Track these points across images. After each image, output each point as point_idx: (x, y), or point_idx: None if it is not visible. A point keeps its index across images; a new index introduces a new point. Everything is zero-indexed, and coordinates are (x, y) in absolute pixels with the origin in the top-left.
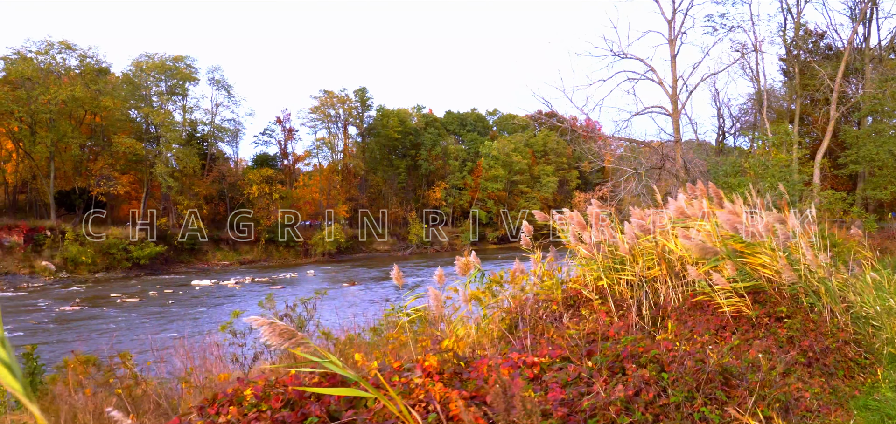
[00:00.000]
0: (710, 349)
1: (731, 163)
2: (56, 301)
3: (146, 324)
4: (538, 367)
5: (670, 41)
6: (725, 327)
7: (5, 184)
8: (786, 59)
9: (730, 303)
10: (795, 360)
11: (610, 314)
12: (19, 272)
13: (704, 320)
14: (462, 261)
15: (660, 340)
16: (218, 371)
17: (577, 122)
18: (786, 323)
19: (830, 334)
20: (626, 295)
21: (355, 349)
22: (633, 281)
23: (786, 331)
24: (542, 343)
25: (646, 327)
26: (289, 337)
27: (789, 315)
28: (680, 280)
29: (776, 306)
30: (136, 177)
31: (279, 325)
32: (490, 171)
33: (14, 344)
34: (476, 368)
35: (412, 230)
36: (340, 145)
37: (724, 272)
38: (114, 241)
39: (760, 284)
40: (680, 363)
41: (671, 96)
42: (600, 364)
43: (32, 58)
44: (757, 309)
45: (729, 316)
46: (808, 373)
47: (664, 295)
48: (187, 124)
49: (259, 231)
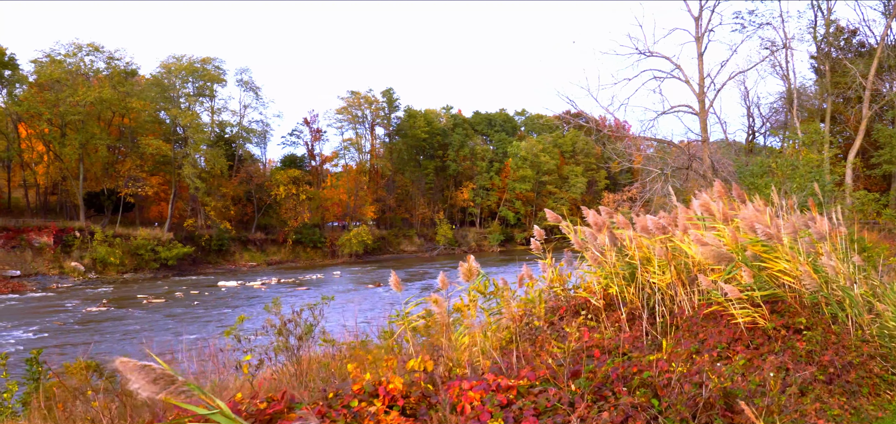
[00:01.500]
0: (719, 365)
1: (759, 164)
2: (83, 301)
3: (169, 325)
4: (515, 391)
5: (697, 39)
6: (739, 340)
7: (36, 185)
8: (817, 57)
9: (744, 314)
10: (814, 377)
11: (619, 324)
12: (49, 272)
13: (716, 332)
14: (464, 267)
15: (653, 360)
16: (221, 378)
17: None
18: (805, 336)
19: (854, 348)
20: (637, 304)
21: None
22: (646, 288)
23: (805, 345)
24: (543, 355)
25: (657, 338)
26: (167, 383)
27: (809, 326)
28: (694, 287)
29: (795, 317)
30: (164, 178)
31: (155, 370)
32: (518, 172)
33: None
34: (450, 388)
35: (439, 231)
36: (367, 146)
37: (741, 279)
38: (142, 242)
39: (779, 293)
40: (676, 386)
41: (698, 95)
42: (584, 387)
43: (61, 60)
44: (774, 319)
45: (742, 328)
46: (828, 392)
47: (678, 304)
48: (215, 126)
49: (286, 232)
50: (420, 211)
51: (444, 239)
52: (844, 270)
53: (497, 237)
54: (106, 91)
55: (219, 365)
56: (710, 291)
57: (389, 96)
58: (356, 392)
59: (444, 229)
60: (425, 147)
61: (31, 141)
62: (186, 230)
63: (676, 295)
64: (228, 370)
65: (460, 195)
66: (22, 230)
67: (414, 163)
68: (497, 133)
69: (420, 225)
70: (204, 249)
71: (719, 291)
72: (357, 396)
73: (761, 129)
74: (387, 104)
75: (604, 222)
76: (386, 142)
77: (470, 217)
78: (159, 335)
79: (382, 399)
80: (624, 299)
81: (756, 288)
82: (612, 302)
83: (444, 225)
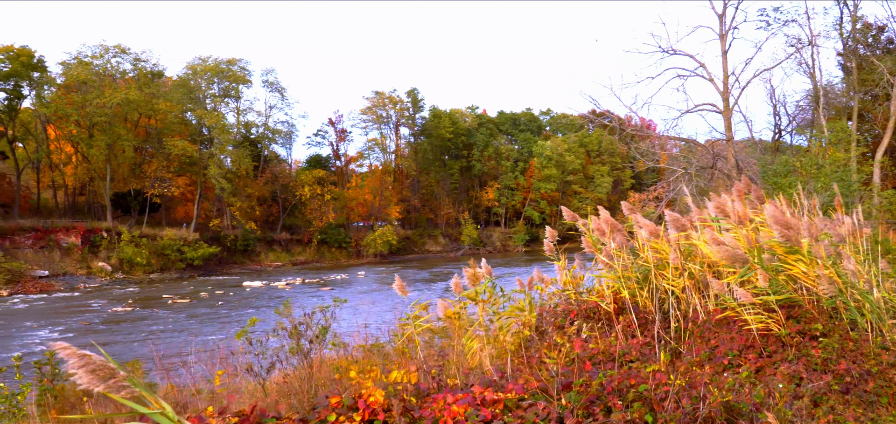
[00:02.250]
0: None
1: (783, 163)
2: (109, 301)
3: (192, 326)
4: (502, 405)
5: (721, 36)
6: (751, 347)
7: (65, 186)
8: (843, 54)
9: (758, 320)
10: (829, 387)
11: (632, 329)
12: (77, 272)
13: (728, 338)
14: (469, 273)
15: (650, 371)
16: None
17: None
18: (821, 343)
19: (873, 355)
20: (650, 308)
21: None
22: (660, 292)
23: (820, 352)
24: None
25: (670, 344)
26: (106, 376)
27: (825, 333)
28: (710, 291)
29: (812, 323)
30: (190, 179)
31: (96, 360)
32: (543, 171)
33: None
34: (434, 402)
35: (464, 231)
36: (392, 146)
37: (757, 282)
38: (168, 242)
39: (795, 297)
40: (674, 400)
41: (722, 93)
42: (574, 402)
43: (89, 62)
44: (790, 325)
45: (755, 335)
46: (844, 402)
47: (692, 308)
48: (241, 126)
49: (311, 232)
50: (445, 211)
51: (469, 239)
52: (865, 273)
53: (522, 237)
54: (132, 92)
55: (229, 368)
56: (723, 295)
57: (414, 96)
58: (334, 406)
59: (469, 229)
60: (450, 147)
61: (60, 142)
62: (212, 230)
63: (691, 300)
64: (240, 372)
65: (485, 195)
66: (50, 230)
67: (439, 162)
68: (522, 132)
69: (445, 226)
70: (229, 249)
71: (732, 295)
72: (335, 410)
73: (788, 128)
74: (411, 104)
75: (615, 224)
76: (411, 141)
77: (495, 217)
78: (181, 335)
79: (362, 414)
80: (636, 303)
81: (771, 292)
82: (624, 307)
83: (469, 225)
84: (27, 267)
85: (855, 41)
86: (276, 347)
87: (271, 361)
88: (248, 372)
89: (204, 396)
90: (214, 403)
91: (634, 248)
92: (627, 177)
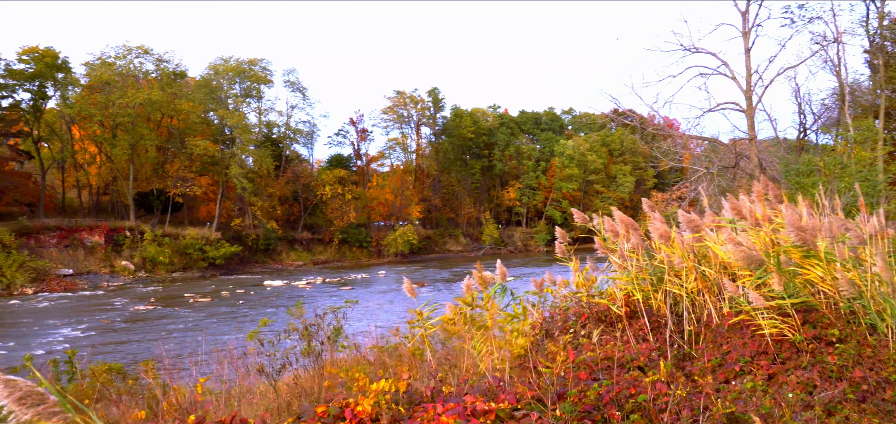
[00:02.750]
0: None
1: (806, 162)
2: (132, 300)
3: (212, 325)
4: (493, 416)
5: (744, 34)
6: (765, 353)
7: (89, 186)
8: (870, 51)
9: (772, 324)
10: (844, 395)
11: (643, 333)
12: (100, 271)
13: (740, 344)
14: (477, 276)
15: (651, 381)
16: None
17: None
18: (837, 349)
19: (892, 362)
20: (664, 311)
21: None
22: (675, 294)
23: (836, 359)
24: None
25: (683, 348)
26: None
27: (842, 339)
28: (725, 294)
29: (828, 328)
30: (212, 178)
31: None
32: (564, 171)
33: (85, 344)
34: (425, 411)
35: (486, 230)
36: (413, 145)
37: (773, 285)
38: (190, 241)
39: (811, 301)
40: (674, 412)
41: (745, 92)
42: (568, 413)
43: (112, 62)
44: (805, 330)
45: (768, 340)
46: (859, 411)
47: (706, 312)
48: (263, 126)
49: (332, 231)
50: (466, 210)
51: (490, 238)
52: (888, 276)
53: (543, 237)
54: (155, 93)
55: (239, 370)
56: (737, 298)
57: (435, 96)
58: (320, 415)
59: (490, 229)
60: (471, 146)
61: (84, 142)
62: (234, 229)
63: (705, 303)
64: (252, 373)
65: (506, 194)
66: (74, 230)
67: (460, 162)
68: (544, 132)
69: (466, 225)
70: (251, 248)
71: (744, 298)
72: (321, 419)
73: (813, 127)
74: (432, 103)
75: (631, 224)
76: (432, 141)
77: (516, 216)
78: (200, 334)
79: (349, 423)
80: (650, 306)
81: (786, 296)
82: (637, 310)
83: (490, 224)
84: (52, 266)
85: (882, 38)
86: (287, 348)
87: (282, 362)
88: (259, 373)
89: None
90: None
91: (649, 249)
92: (650, 177)
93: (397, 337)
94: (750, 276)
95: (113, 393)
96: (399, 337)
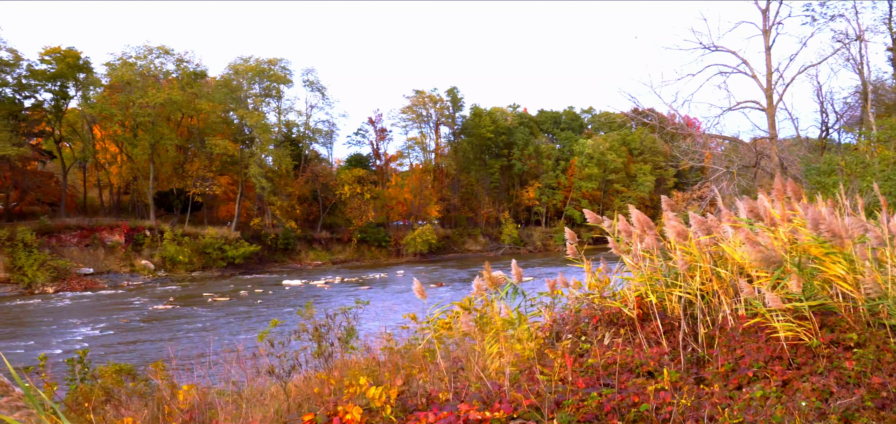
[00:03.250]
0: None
1: (827, 161)
2: (151, 299)
3: (230, 324)
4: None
5: (764, 32)
6: (780, 358)
7: (110, 185)
8: (893, 49)
9: (787, 327)
10: (862, 403)
11: (656, 336)
12: (120, 270)
13: (754, 348)
14: (486, 275)
15: (654, 390)
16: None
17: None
18: (855, 354)
19: None
20: (677, 313)
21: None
22: (688, 296)
23: (854, 364)
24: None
25: (697, 352)
26: None
27: (860, 343)
28: (741, 296)
29: (846, 332)
30: (232, 178)
31: None
32: (584, 170)
33: (103, 343)
34: (417, 420)
35: (505, 230)
36: (432, 145)
37: (791, 286)
38: (210, 241)
39: (829, 304)
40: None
41: (766, 90)
42: (565, 423)
43: (133, 63)
44: (823, 334)
45: (783, 345)
46: (878, 420)
47: (721, 314)
48: (282, 126)
49: (351, 231)
50: (485, 210)
51: (510, 238)
52: None
53: (562, 237)
54: (175, 93)
55: (248, 371)
56: (752, 301)
57: (454, 95)
58: (307, 423)
59: (509, 228)
60: (491, 145)
61: (105, 142)
62: (253, 229)
63: (721, 305)
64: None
65: (526, 194)
66: (95, 229)
67: (479, 162)
68: (563, 131)
69: (485, 225)
70: (270, 248)
71: (761, 300)
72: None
73: (835, 126)
74: (451, 103)
75: (647, 223)
76: (451, 140)
77: (535, 216)
78: (215, 334)
79: None
80: (664, 309)
81: (804, 298)
82: (650, 312)
83: (510, 224)
84: (73, 265)
85: None
86: (297, 350)
87: (292, 364)
88: (270, 374)
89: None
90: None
91: (664, 249)
92: (670, 176)
93: (389, 341)
94: (767, 277)
95: (122, 395)
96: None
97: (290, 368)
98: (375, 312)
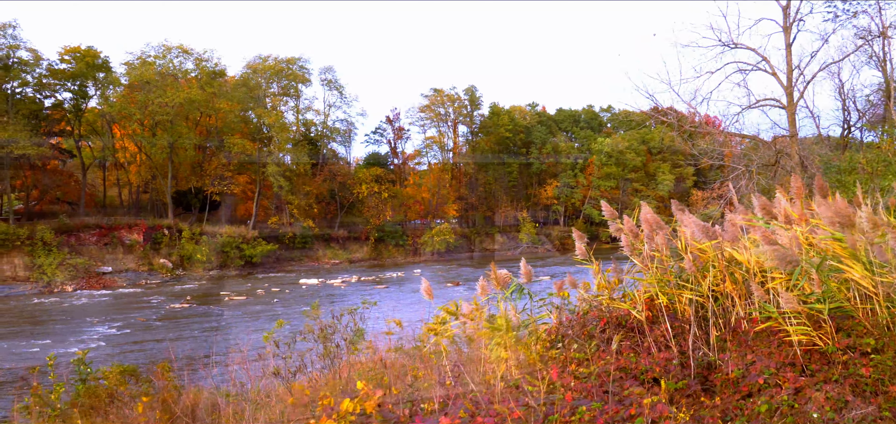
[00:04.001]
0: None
1: (847, 159)
2: (168, 298)
3: (246, 323)
4: None
5: (785, 29)
6: (792, 364)
7: (129, 184)
8: None
9: (801, 331)
10: (878, 413)
11: (665, 339)
12: (139, 269)
13: (766, 354)
14: (492, 275)
15: (650, 403)
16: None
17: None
18: (872, 360)
19: None
20: (688, 315)
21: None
22: (699, 299)
23: (871, 371)
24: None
25: (708, 356)
26: None
27: (878, 349)
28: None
29: (863, 337)
30: (250, 177)
31: None
32: (603, 169)
33: (120, 341)
34: None
35: (523, 229)
36: (450, 144)
37: (807, 288)
38: (227, 240)
39: (847, 307)
40: None
41: (786, 88)
42: None
43: (152, 62)
44: (839, 339)
45: (796, 350)
46: None
47: (733, 317)
48: (301, 125)
49: (369, 230)
50: (503, 209)
51: (528, 237)
52: None
53: None
54: (194, 92)
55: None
56: (764, 304)
57: (472, 94)
58: None
59: (527, 227)
60: (509, 144)
61: (124, 141)
62: (271, 228)
63: (734, 306)
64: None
65: (544, 193)
66: (114, 228)
67: (497, 160)
68: (582, 130)
69: (503, 224)
70: (288, 247)
71: (775, 303)
72: None
73: (858, 124)
74: (469, 102)
75: (658, 223)
76: (469, 139)
77: (554, 215)
78: (230, 333)
79: None
80: (674, 311)
81: (820, 300)
82: (659, 315)
83: (528, 223)
84: (91, 264)
85: None
86: (303, 351)
87: (298, 365)
88: (275, 376)
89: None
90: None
91: (676, 249)
92: (689, 175)
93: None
94: (782, 278)
95: (126, 396)
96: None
97: (296, 370)
98: (390, 310)
